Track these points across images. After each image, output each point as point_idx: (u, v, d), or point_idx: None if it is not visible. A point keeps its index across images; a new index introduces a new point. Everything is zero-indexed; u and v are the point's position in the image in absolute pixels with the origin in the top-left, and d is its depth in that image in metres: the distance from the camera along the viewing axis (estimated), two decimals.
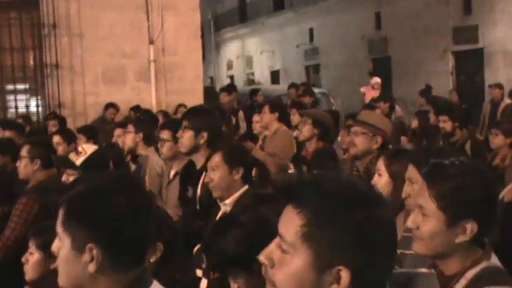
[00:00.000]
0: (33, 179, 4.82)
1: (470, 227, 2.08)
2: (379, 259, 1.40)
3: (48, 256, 3.21)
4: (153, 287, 1.83)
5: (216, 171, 3.68)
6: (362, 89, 14.21)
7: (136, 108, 9.64)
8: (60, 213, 1.78)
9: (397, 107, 10.86)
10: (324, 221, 1.38)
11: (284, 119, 6.57)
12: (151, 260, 2.68)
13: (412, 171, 2.81)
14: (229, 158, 3.69)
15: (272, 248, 1.45)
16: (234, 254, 2.36)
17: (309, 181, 1.44)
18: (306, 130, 5.57)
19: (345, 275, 1.38)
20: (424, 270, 2.20)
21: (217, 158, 3.70)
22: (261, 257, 1.46)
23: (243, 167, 3.70)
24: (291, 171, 4.93)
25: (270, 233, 2.42)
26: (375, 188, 1.53)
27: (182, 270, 2.81)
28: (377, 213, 1.41)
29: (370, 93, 12.99)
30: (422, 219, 2.13)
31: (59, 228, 1.78)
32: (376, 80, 13.35)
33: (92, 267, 1.73)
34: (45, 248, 3.22)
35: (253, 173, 4.03)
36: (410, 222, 2.17)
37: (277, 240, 1.45)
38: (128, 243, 1.76)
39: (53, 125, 8.30)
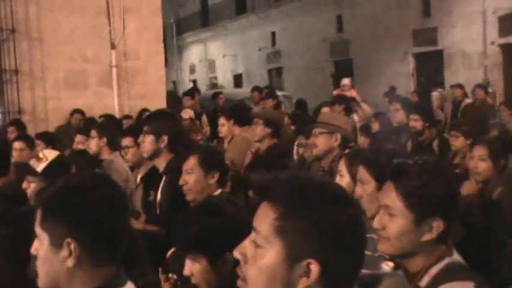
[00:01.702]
0: None
1: (437, 225, 2.11)
2: (348, 255, 1.44)
3: None
4: (127, 286, 1.87)
5: (191, 174, 3.67)
6: (335, 92, 14.32)
7: (107, 116, 9.47)
8: (38, 214, 1.83)
9: (365, 106, 10.96)
10: (295, 214, 1.42)
11: (242, 124, 6.59)
12: None
13: (362, 172, 2.84)
14: (205, 162, 3.68)
15: (246, 243, 1.49)
16: (202, 238, 2.38)
17: (283, 179, 1.49)
18: (259, 130, 5.69)
19: (314, 268, 1.41)
20: (387, 269, 2.23)
21: (192, 161, 3.68)
22: (235, 252, 1.50)
23: (218, 171, 3.69)
24: None
25: (234, 229, 2.45)
26: (344, 188, 1.57)
27: (142, 274, 2.79)
28: (347, 211, 1.45)
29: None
30: (389, 219, 2.15)
31: (38, 229, 1.83)
32: (344, 81, 13.47)
33: (70, 262, 1.78)
34: None
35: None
36: (376, 223, 2.18)
37: (251, 235, 1.49)
38: (105, 237, 1.81)
39: (11, 132, 8.13)
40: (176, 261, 2.80)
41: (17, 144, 6.07)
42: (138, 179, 5.05)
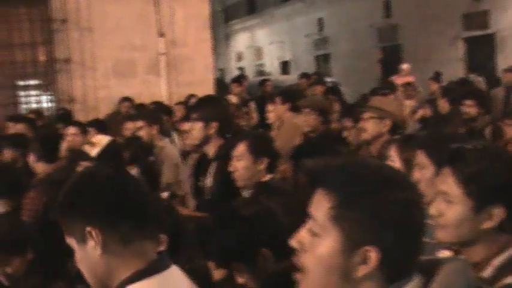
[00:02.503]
0: (39, 171, 4.89)
1: (498, 213, 2.04)
2: (406, 241, 1.41)
3: None
4: (171, 270, 1.86)
5: (240, 161, 3.66)
6: (393, 78, 14.19)
7: (156, 104, 9.55)
8: (60, 221, 1.86)
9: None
10: (351, 202, 1.40)
11: (295, 109, 6.55)
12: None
13: (421, 157, 2.77)
14: (254, 148, 3.66)
15: (303, 232, 1.48)
16: (235, 249, 2.35)
17: (337, 165, 1.47)
18: (312, 120, 5.64)
19: (372, 255, 1.39)
20: (446, 254, 2.16)
21: (241, 148, 3.67)
22: (292, 242, 1.48)
23: (267, 157, 3.67)
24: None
25: (274, 225, 2.42)
26: (403, 173, 1.53)
27: (189, 259, 2.80)
28: (405, 195, 1.42)
29: (398, 80, 12.98)
30: (447, 206, 2.09)
31: (65, 234, 1.86)
32: (403, 66, 13.37)
33: (98, 250, 1.78)
34: None
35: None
36: (433, 210, 2.12)
37: (308, 224, 1.47)
38: (121, 214, 1.80)
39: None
40: None
41: (70, 130, 6.19)
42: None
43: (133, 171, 4.80)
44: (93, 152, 4.56)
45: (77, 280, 2.38)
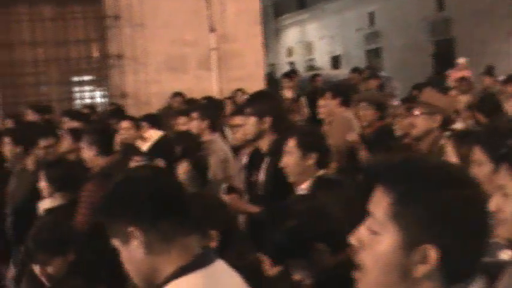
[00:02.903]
0: (94, 165, 4.96)
1: None
2: (467, 240, 1.37)
3: None
4: (216, 264, 1.87)
5: (290, 156, 3.63)
6: (450, 72, 13.98)
7: (208, 99, 9.61)
8: (104, 222, 1.93)
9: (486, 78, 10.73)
10: (411, 199, 1.37)
11: (346, 104, 6.46)
12: None
13: (478, 153, 2.72)
14: (303, 143, 3.62)
15: (361, 229, 1.46)
16: (291, 245, 2.33)
17: (397, 162, 1.45)
18: (369, 114, 5.56)
19: (432, 254, 1.36)
20: (509, 254, 2.10)
21: (291, 143, 3.64)
22: (351, 239, 1.47)
23: (317, 152, 3.64)
24: None
25: (327, 220, 2.40)
26: (464, 169, 1.49)
27: (240, 255, 2.79)
28: (466, 193, 1.38)
29: (454, 75, 12.78)
30: (505, 200, 2.03)
31: (110, 235, 1.90)
32: (460, 60, 13.14)
33: (141, 249, 1.82)
34: None
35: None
36: (492, 205, 2.07)
37: (367, 221, 1.45)
38: (161, 212, 1.84)
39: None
40: None
41: (123, 124, 6.27)
42: (244, 160, 5.08)
43: (184, 165, 4.83)
44: (144, 147, 4.62)
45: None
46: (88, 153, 4.98)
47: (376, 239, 1.41)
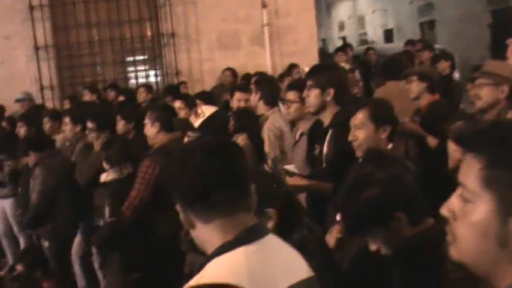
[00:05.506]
0: (155, 142, 5.05)
1: None
2: None
3: None
4: (267, 239, 1.85)
5: (361, 129, 3.55)
6: (510, 41, 13.52)
7: (261, 74, 9.58)
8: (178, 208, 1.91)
9: None
10: (503, 162, 1.31)
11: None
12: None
13: None
14: (376, 116, 3.54)
15: (453, 199, 1.40)
16: (371, 214, 2.31)
17: (485, 128, 1.39)
18: (414, 86, 5.41)
19: None
20: None
21: (362, 115, 3.56)
22: (443, 210, 1.41)
23: (390, 125, 3.56)
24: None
25: (408, 190, 2.36)
26: None
27: (300, 230, 2.76)
28: None
29: None
30: None
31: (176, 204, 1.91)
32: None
33: (191, 226, 1.86)
34: None
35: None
36: None
37: (458, 191, 1.40)
38: (195, 194, 1.80)
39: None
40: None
41: (176, 103, 6.38)
42: (298, 135, 5.04)
43: (242, 138, 4.83)
44: (197, 123, 4.65)
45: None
46: (151, 130, 5.07)
47: (469, 208, 1.35)
